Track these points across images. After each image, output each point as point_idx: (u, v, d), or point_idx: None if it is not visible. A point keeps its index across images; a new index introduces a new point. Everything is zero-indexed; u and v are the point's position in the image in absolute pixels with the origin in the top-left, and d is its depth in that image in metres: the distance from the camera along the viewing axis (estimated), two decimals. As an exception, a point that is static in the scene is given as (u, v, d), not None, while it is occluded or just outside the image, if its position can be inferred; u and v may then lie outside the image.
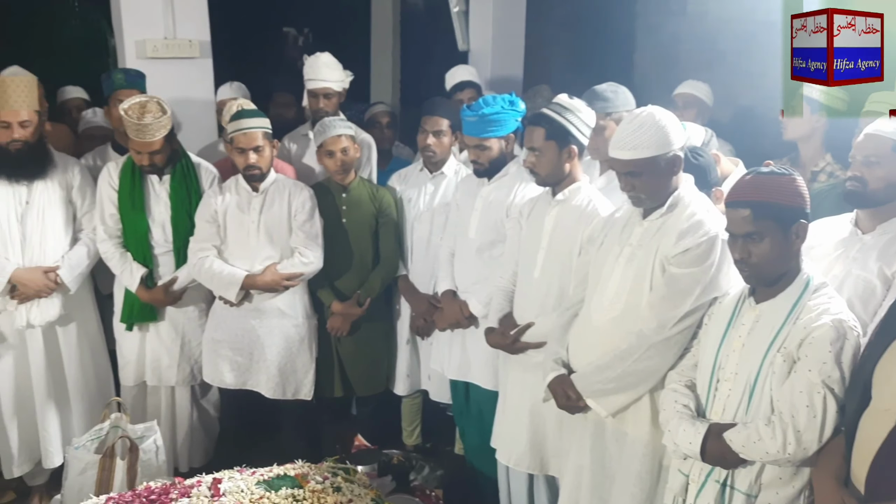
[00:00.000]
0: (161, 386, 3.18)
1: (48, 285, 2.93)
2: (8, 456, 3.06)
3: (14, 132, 2.82)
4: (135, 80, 3.26)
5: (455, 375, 3.00)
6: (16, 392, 3.02)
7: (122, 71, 3.30)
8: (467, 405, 3.03)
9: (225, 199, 3.00)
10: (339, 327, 3.11)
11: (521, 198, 2.74)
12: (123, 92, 3.15)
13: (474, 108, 2.75)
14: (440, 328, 3.01)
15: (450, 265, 2.99)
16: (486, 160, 2.78)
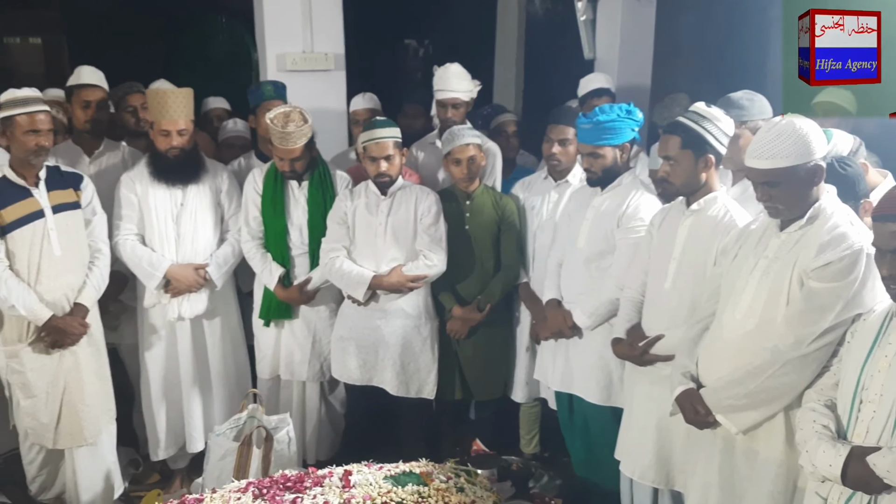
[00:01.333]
0: (293, 380, 3.36)
1: (198, 281, 3.17)
2: (155, 440, 3.33)
3: (173, 140, 3.08)
4: (280, 91, 3.48)
5: (558, 386, 2.99)
6: (164, 380, 3.29)
7: (270, 83, 3.53)
8: (571, 417, 3.01)
9: (355, 202, 3.14)
10: (458, 330, 3.18)
11: (635, 209, 2.71)
12: (270, 102, 3.37)
13: (590, 116, 2.75)
14: (543, 337, 3.02)
15: (557, 275, 2.99)
16: (600, 168, 2.76)
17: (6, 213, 2.80)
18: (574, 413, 2.96)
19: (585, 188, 2.89)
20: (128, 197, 3.15)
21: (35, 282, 2.85)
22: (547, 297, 2.96)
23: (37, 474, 3.08)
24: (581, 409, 2.90)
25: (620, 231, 2.69)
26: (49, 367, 2.91)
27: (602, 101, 3.71)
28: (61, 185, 2.93)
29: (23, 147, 2.78)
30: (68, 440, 2.98)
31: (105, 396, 3.08)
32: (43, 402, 2.92)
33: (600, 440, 2.69)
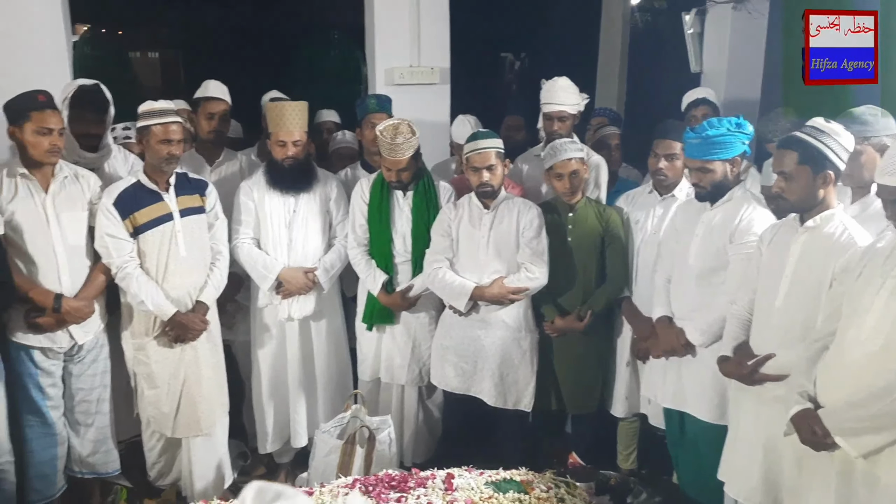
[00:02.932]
0: (393, 384, 3.46)
1: (307, 284, 3.32)
2: (263, 433, 3.49)
3: (288, 150, 3.24)
4: (385, 104, 3.61)
5: (669, 404, 2.95)
6: (273, 377, 3.45)
7: (374, 96, 3.67)
8: (682, 435, 2.96)
9: (458, 215, 3.21)
10: (558, 335, 3.19)
11: (748, 223, 2.65)
12: (375, 115, 3.50)
13: (698, 131, 2.71)
14: (654, 355, 2.98)
15: (665, 291, 2.95)
16: (709, 183, 2.72)
17: (140, 215, 3.02)
18: (685, 431, 2.91)
19: (693, 203, 2.85)
20: (246, 203, 3.33)
21: (162, 280, 3.06)
22: (657, 314, 2.93)
23: (156, 461, 3.29)
24: (692, 427, 2.85)
25: (734, 247, 2.64)
26: (171, 360, 3.11)
27: (700, 110, 3.65)
28: (189, 190, 3.14)
29: (156, 155, 2.99)
30: (186, 430, 3.17)
31: (220, 390, 3.27)
32: (165, 392, 3.12)
33: (711, 459, 2.64)
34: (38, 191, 2.91)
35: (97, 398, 3.14)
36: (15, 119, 2.84)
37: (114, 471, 3.25)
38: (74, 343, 3.02)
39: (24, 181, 2.90)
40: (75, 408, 3.11)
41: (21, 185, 2.89)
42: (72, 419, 3.13)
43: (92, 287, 3.02)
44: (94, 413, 3.15)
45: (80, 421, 3.13)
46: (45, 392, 3.01)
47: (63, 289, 2.95)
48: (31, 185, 2.90)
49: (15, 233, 2.88)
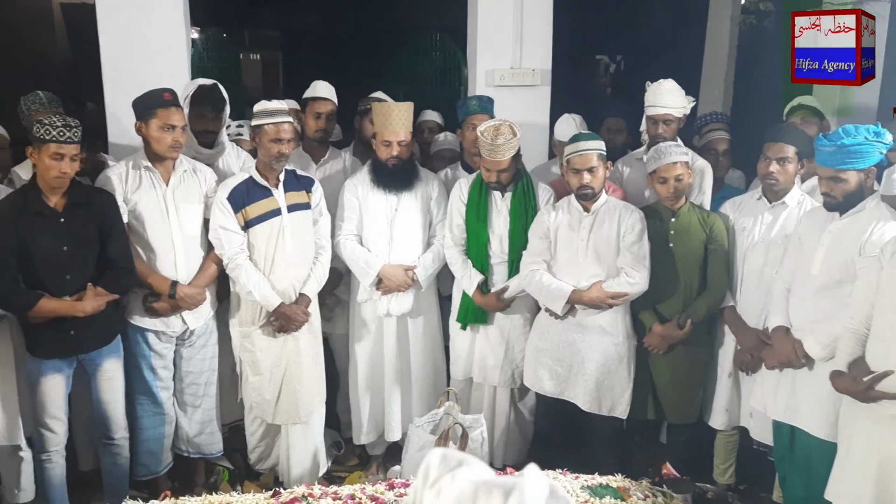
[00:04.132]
0: (485, 384, 3.47)
1: (406, 281, 3.39)
2: (358, 425, 3.58)
3: (393, 150, 3.32)
4: (486, 105, 3.63)
5: (780, 417, 2.84)
6: (370, 370, 3.53)
7: (475, 98, 3.70)
8: (791, 451, 2.84)
9: (557, 217, 3.20)
10: (656, 345, 3.13)
11: (880, 236, 2.52)
12: (476, 117, 3.54)
13: (832, 138, 2.59)
14: (769, 366, 2.87)
15: (784, 301, 2.84)
16: (841, 193, 2.60)
17: (251, 209, 3.15)
18: (795, 447, 2.80)
19: (819, 211, 2.74)
20: (350, 200, 3.42)
21: (269, 272, 3.18)
22: (774, 323, 2.83)
23: (256, 445, 3.43)
24: (804, 443, 2.74)
25: (863, 259, 2.51)
26: (274, 349, 3.24)
27: (799, 114, 3.49)
28: (296, 187, 3.26)
29: (268, 153, 3.12)
30: (285, 417, 3.29)
31: (318, 380, 3.37)
32: (267, 379, 3.25)
33: (821, 478, 2.52)
34: (160, 183, 3.09)
35: (205, 381, 3.31)
36: (142, 115, 3.03)
37: (217, 452, 3.42)
38: (186, 328, 3.19)
39: (148, 173, 3.08)
40: (185, 390, 3.28)
41: (145, 178, 3.08)
42: (181, 400, 3.30)
43: (204, 276, 3.18)
44: (202, 396, 3.31)
45: (189, 402, 3.30)
46: (157, 373, 3.19)
47: (178, 276, 3.12)
48: (154, 177, 3.09)
49: (137, 222, 3.07)
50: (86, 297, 2.84)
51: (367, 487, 2.46)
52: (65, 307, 2.82)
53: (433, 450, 0.86)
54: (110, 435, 3.09)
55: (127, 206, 3.04)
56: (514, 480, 0.82)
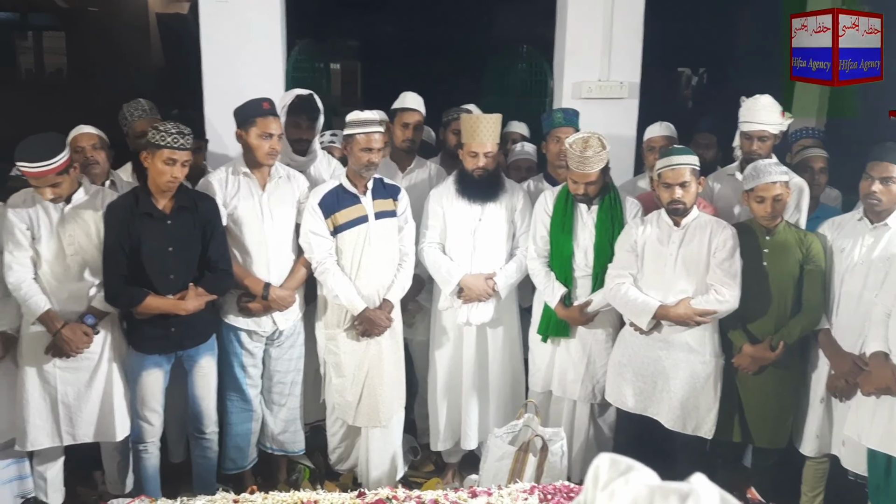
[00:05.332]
0: (564, 398, 3.46)
1: (487, 291, 3.41)
2: (436, 432, 3.62)
3: (479, 161, 3.35)
4: (571, 118, 3.63)
5: (876, 446, 2.73)
6: (448, 378, 3.56)
7: (561, 110, 3.70)
8: (887, 481, 2.72)
9: (645, 231, 3.16)
10: (746, 366, 3.06)
11: None
12: (561, 129, 3.55)
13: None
14: (865, 392, 2.76)
15: (884, 326, 2.73)
16: None
17: (340, 215, 3.24)
18: (891, 477, 2.69)
19: None
20: (435, 209, 3.47)
21: (355, 276, 3.26)
22: (872, 348, 2.73)
23: (337, 446, 3.51)
24: (904, 474, 2.64)
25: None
26: (358, 353, 3.31)
27: None
28: (384, 195, 3.33)
29: (358, 161, 3.20)
30: (366, 419, 3.35)
31: (399, 385, 3.43)
32: (350, 382, 3.32)
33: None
34: (257, 189, 3.21)
35: (291, 381, 3.41)
36: (242, 123, 3.16)
37: (300, 450, 3.51)
38: (276, 328, 3.30)
39: (246, 179, 3.21)
40: (272, 388, 3.39)
41: (243, 183, 3.21)
42: (267, 398, 3.41)
43: (295, 279, 3.29)
44: (288, 395, 3.41)
45: (275, 401, 3.41)
46: (247, 371, 3.31)
47: (271, 278, 3.23)
48: (251, 183, 3.21)
49: (235, 225, 3.20)
50: (188, 296, 2.98)
51: (450, 493, 2.49)
52: (168, 305, 2.96)
53: (600, 455, 0.87)
54: (202, 429, 3.22)
55: (226, 210, 3.17)
56: (689, 486, 0.83)
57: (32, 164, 2.77)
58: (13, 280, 2.89)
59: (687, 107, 10.26)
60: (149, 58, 10.92)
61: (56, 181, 2.83)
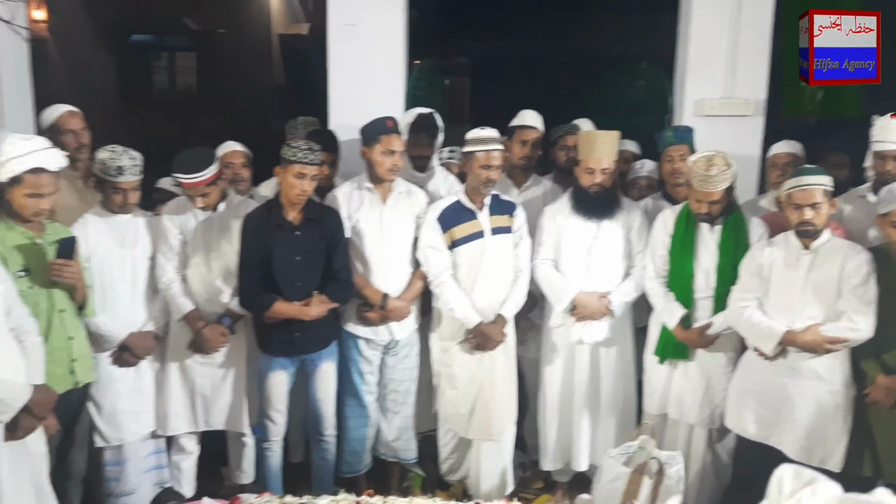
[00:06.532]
0: (681, 421, 3.37)
1: (601, 310, 3.39)
2: (545, 450, 3.61)
3: (596, 178, 3.35)
4: (682, 135, 3.58)
5: None
6: (559, 397, 3.55)
7: (672, 129, 3.64)
8: None
9: (773, 254, 3.06)
10: (882, 400, 2.89)
11: None
12: (673, 148, 3.51)
13: None
14: None
15: None
16: None
17: (457, 230, 3.32)
18: None
19: None
20: (549, 226, 3.49)
21: (470, 291, 3.32)
22: None
23: (448, 456, 3.57)
24: None
25: None
26: (471, 365, 3.37)
27: None
28: (500, 211, 3.39)
29: (477, 178, 3.27)
30: (477, 432, 3.40)
31: (511, 400, 3.45)
32: (462, 394, 3.38)
33: None
34: (378, 203, 3.34)
35: (405, 390, 3.50)
36: (367, 141, 3.30)
37: (412, 458, 3.60)
38: (392, 338, 3.40)
39: (369, 194, 3.34)
40: (387, 396, 3.50)
41: (366, 198, 3.34)
42: (383, 405, 3.51)
43: (412, 291, 3.38)
44: (402, 403, 3.51)
45: (390, 408, 3.51)
46: (364, 378, 3.43)
47: (389, 290, 3.34)
48: (374, 197, 3.34)
49: (357, 238, 3.34)
50: (312, 303, 3.13)
51: (564, 512, 2.48)
52: (294, 311, 3.12)
53: (782, 466, 0.88)
54: (321, 431, 3.37)
55: (349, 223, 3.31)
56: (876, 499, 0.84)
57: (186, 175, 3.02)
58: (164, 280, 3.15)
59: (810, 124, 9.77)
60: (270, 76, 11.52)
61: (206, 191, 3.07)
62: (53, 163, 2.70)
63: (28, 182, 2.64)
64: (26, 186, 2.65)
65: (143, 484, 3.27)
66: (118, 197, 3.04)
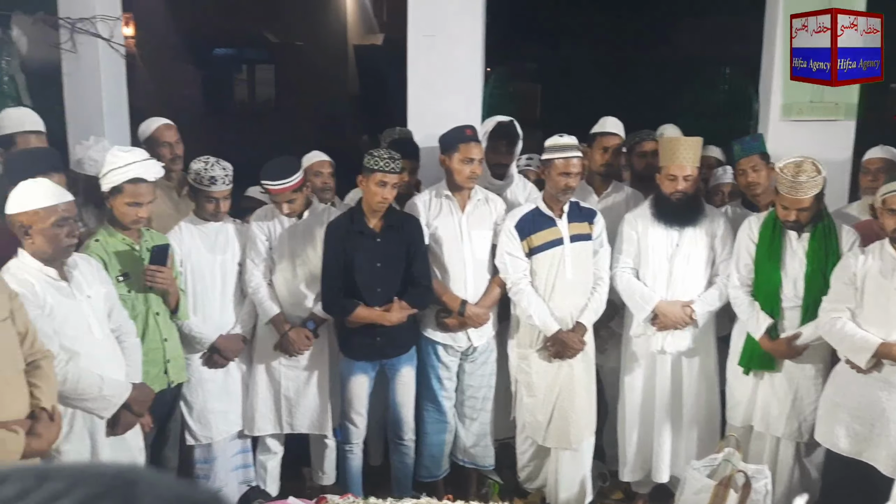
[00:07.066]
0: (767, 434, 3.28)
1: (684, 319, 3.33)
2: (624, 461, 3.56)
3: (678, 184, 3.29)
4: (748, 146, 3.47)
5: None
6: (640, 407, 3.49)
7: (738, 142, 3.52)
8: None
9: (866, 263, 2.93)
10: None
11: None
12: (743, 161, 3.43)
13: None
14: None
15: None
16: None
17: (535, 237, 3.32)
18: None
19: None
20: (629, 234, 3.45)
21: (549, 298, 3.32)
22: None
23: (526, 464, 3.56)
24: None
25: None
26: (550, 373, 3.36)
27: None
28: (579, 218, 3.37)
29: (555, 185, 3.27)
30: (556, 440, 3.38)
31: (590, 409, 3.42)
32: (541, 402, 3.37)
33: None
34: (457, 210, 3.38)
35: (483, 396, 3.52)
36: (446, 149, 3.34)
37: (489, 465, 3.61)
38: (470, 344, 3.43)
39: (448, 202, 3.39)
40: (464, 402, 3.52)
41: (445, 205, 3.39)
42: (460, 411, 3.54)
43: (490, 297, 3.40)
44: (479, 409, 3.53)
45: (467, 414, 3.53)
46: (442, 383, 3.46)
47: (467, 296, 3.37)
48: (452, 205, 3.38)
49: (436, 245, 3.38)
50: (392, 308, 3.19)
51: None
52: (375, 316, 3.19)
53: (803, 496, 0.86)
54: (401, 435, 3.42)
55: (428, 230, 3.36)
56: None
57: (273, 182, 3.13)
58: (253, 285, 3.27)
59: None
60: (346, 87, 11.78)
61: (291, 198, 3.17)
62: (151, 173, 2.85)
63: (128, 191, 2.80)
64: (126, 196, 2.80)
65: (230, 482, 3.39)
66: (211, 205, 3.18)
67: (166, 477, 0.39)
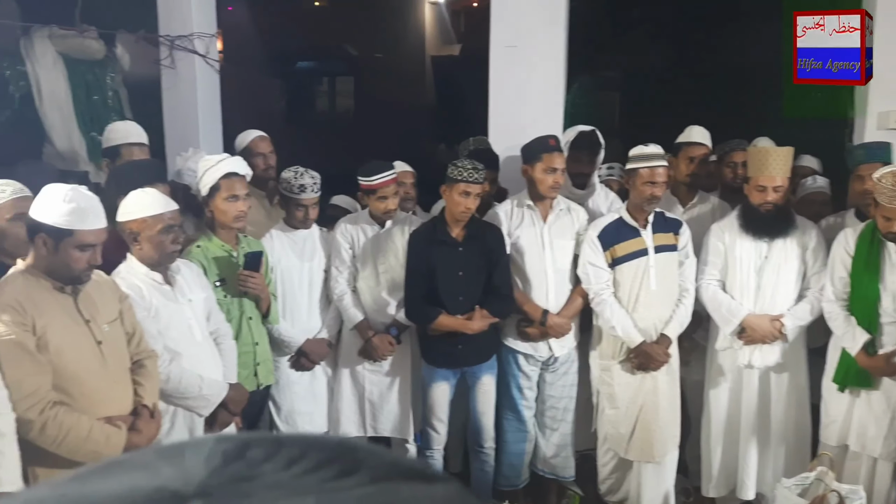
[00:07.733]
0: (863, 454, 3.14)
1: (773, 333, 3.23)
2: (708, 476, 3.48)
3: (768, 195, 3.20)
4: (874, 152, 3.35)
5: None
6: (725, 422, 3.41)
7: (862, 146, 3.42)
8: None
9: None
10: None
11: None
12: (864, 167, 3.28)
13: None
14: None
15: None
16: None
17: (619, 248, 3.30)
18: None
19: None
20: (716, 245, 3.38)
21: (632, 309, 3.28)
22: None
23: (607, 476, 3.53)
24: None
25: None
26: (632, 386, 3.32)
27: None
28: (664, 228, 3.33)
29: (640, 195, 3.24)
30: (638, 453, 3.34)
31: (674, 422, 3.37)
32: (623, 414, 3.34)
33: None
34: (539, 220, 3.39)
35: (564, 407, 3.51)
36: (529, 159, 3.36)
37: (570, 476, 3.59)
38: (552, 354, 3.43)
39: (529, 211, 3.40)
40: (545, 412, 3.52)
41: (526, 215, 3.40)
42: (541, 421, 3.54)
43: (571, 307, 3.40)
44: (560, 420, 3.52)
45: (548, 424, 3.53)
46: (523, 393, 3.47)
47: (549, 306, 3.37)
48: (534, 215, 3.40)
49: (517, 254, 3.40)
50: (474, 317, 3.22)
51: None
52: (457, 324, 3.23)
53: None
54: (481, 443, 3.44)
55: (510, 239, 3.38)
56: None
57: (370, 178, 3.24)
58: (338, 292, 3.37)
59: None
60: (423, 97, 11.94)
61: (384, 194, 3.26)
62: (242, 167, 3.03)
63: (224, 186, 2.96)
64: (224, 190, 2.96)
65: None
66: (300, 213, 3.29)
67: (376, 446, 0.44)
